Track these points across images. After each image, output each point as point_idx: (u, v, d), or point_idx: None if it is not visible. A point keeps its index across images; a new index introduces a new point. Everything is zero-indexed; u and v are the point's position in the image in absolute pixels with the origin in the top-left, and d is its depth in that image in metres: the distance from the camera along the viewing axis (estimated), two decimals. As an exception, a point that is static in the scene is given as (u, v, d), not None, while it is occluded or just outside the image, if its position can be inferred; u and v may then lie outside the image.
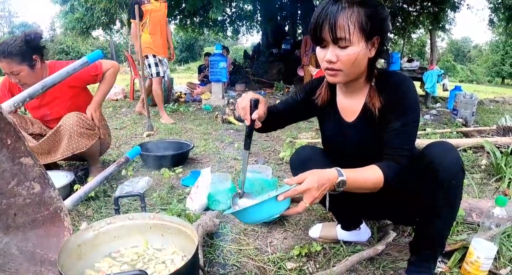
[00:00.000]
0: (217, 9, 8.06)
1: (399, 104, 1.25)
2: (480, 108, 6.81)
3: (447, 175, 1.21)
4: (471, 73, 37.20)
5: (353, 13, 1.13)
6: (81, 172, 2.82)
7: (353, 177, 1.17)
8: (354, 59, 1.18)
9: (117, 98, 7.61)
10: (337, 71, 1.22)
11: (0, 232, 1.34)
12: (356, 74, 1.26)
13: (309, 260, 1.63)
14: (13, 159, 1.36)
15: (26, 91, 1.58)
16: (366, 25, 1.14)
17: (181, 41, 48.79)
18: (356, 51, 1.16)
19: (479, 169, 2.94)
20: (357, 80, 1.31)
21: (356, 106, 1.39)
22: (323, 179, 1.12)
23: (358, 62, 1.19)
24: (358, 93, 1.37)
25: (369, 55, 1.22)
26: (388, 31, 1.23)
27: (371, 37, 1.18)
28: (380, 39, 1.21)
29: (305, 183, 1.11)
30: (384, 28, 1.20)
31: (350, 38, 1.14)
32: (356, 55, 1.17)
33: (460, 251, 1.61)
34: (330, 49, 1.19)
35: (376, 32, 1.17)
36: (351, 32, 1.13)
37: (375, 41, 1.20)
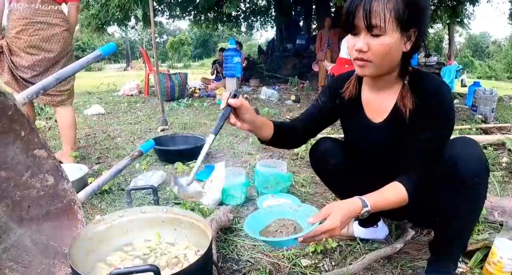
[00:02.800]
0: (231, 4, 8.01)
1: (432, 112, 1.17)
2: (500, 104, 6.64)
3: (468, 172, 1.13)
4: (489, 69, 36.39)
5: (390, 0, 1.05)
6: (96, 165, 2.83)
7: (377, 204, 1.14)
8: (387, 50, 1.09)
9: (132, 94, 7.66)
10: (367, 62, 1.14)
11: (14, 224, 1.34)
12: (387, 68, 1.18)
13: (324, 257, 1.59)
14: (27, 151, 1.36)
15: (40, 84, 1.57)
16: (403, 14, 1.05)
17: (195, 37, 49.01)
18: (389, 41, 1.08)
19: (500, 166, 2.86)
20: (388, 76, 1.23)
21: (385, 105, 1.30)
22: (348, 215, 1.09)
23: (390, 54, 1.11)
24: (388, 90, 1.28)
25: (404, 49, 1.13)
26: (426, 23, 1.14)
27: (408, 28, 1.09)
28: (418, 31, 1.11)
29: (329, 222, 1.05)
30: (422, 20, 1.11)
31: (385, 26, 1.05)
32: (389, 46, 1.08)
33: (482, 251, 1.55)
34: (362, 37, 1.10)
35: (413, 23, 1.09)
36: (387, 20, 1.04)
37: (411, 34, 1.11)
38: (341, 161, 1.48)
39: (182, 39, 45.89)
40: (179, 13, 12.60)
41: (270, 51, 12.77)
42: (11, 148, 1.31)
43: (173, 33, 55.62)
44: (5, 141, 1.30)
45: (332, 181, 1.64)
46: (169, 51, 44.73)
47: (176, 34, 54.13)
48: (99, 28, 10.64)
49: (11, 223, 1.33)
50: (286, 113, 5.43)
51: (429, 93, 1.18)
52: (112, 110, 5.74)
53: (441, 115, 1.17)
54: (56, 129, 4.24)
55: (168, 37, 53.09)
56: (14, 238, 1.31)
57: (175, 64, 35.35)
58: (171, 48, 44.71)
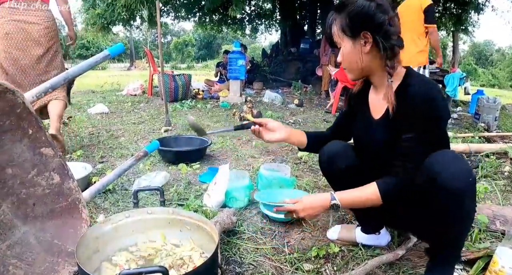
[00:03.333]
0: (237, 7, 8.05)
1: (412, 115, 1.23)
2: (503, 113, 6.64)
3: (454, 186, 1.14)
4: (493, 78, 36.35)
5: (337, 19, 1.30)
6: (100, 164, 2.84)
7: (346, 199, 1.33)
8: (346, 57, 1.33)
9: (135, 94, 7.68)
10: (344, 69, 1.39)
11: (19, 221, 1.34)
12: (360, 71, 1.35)
13: (326, 262, 1.59)
14: (34, 149, 1.37)
15: (48, 82, 1.58)
16: (347, 26, 1.27)
17: (199, 38, 49.09)
18: (344, 50, 1.32)
19: (502, 175, 2.85)
20: (374, 75, 1.37)
21: (381, 104, 1.39)
22: (314, 204, 1.36)
23: (350, 59, 1.32)
24: (382, 90, 1.36)
25: (364, 50, 1.28)
26: (378, 22, 1.24)
27: (357, 34, 1.26)
28: (371, 32, 1.24)
29: (293, 206, 1.37)
30: (367, 22, 1.24)
31: (338, 41, 1.32)
32: (343, 53, 1.33)
33: (484, 259, 1.55)
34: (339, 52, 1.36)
35: (358, 28, 1.25)
36: (337, 36, 1.31)
37: (365, 36, 1.25)
38: (349, 164, 1.52)
39: (186, 40, 46.00)
40: (184, 15, 12.63)
41: (274, 54, 12.78)
42: (19, 146, 1.32)
43: (177, 34, 55.73)
44: (13, 138, 1.31)
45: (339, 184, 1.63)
46: (172, 52, 44.82)
47: (180, 35, 54.25)
48: (104, 28, 10.67)
49: (16, 220, 1.33)
50: (289, 117, 5.44)
51: (411, 96, 1.25)
52: (116, 109, 5.75)
53: (420, 120, 1.23)
54: (59, 128, 4.24)
55: (172, 38, 53.17)
56: (19, 235, 1.32)
57: (178, 65, 35.40)
58: (175, 49, 44.81)
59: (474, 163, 3.04)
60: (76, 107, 5.96)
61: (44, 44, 2.98)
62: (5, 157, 1.28)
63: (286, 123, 4.93)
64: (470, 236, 1.80)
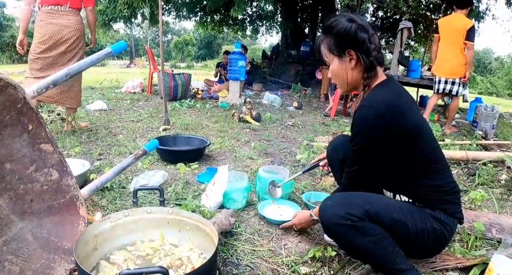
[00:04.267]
0: (239, 7, 8.04)
1: (353, 126, 1.41)
2: (500, 121, 6.66)
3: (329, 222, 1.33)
4: (491, 86, 36.52)
5: (324, 39, 1.45)
6: (98, 161, 2.83)
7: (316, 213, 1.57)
8: (334, 73, 1.47)
9: (134, 91, 7.65)
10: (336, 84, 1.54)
11: (16, 217, 1.33)
12: (346, 85, 1.48)
13: (323, 266, 1.59)
14: (33, 144, 1.36)
15: (50, 78, 1.57)
16: (333, 45, 1.42)
17: (199, 38, 49.08)
18: (332, 68, 1.47)
19: (499, 183, 2.86)
20: (360, 89, 1.50)
21: None
22: (303, 219, 1.77)
23: (338, 74, 1.46)
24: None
25: (350, 66, 1.42)
26: (361, 40, 1.37)
27: (342, 52, 1.41)
28: (355, 50, 1.38)
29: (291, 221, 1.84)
30: (351, 41, 1.38)
31: (326, 59, 1.47)
32: (333, 70, 1.47)
33: (479, 267, 1.56)
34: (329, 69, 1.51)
35: (343, 47, 1.40)
36: (326, 55, 1.46)
37: (350, 53, 1.39)
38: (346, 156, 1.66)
39: (187, 40, 45.99)
40: (185, 14, 12.62)
41: (274, 56, 12.78)
42: (18, 141, 1.31)
43: (178, 33, 55.71)
44: (13, 133, 1.30)
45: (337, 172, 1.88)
46: (173, 50, 44.82)
47: (180, 34, 54.24)
48: (105, 24, 10.62)
49: (13, 216, 1.32)
50: (288, 119, 5.43)
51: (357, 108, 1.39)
52: (115, 106, 5.74)
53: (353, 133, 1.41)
54: (58, 123, 4.23)
55: (172, 36, 53.18)
56: (15, 231, 1.31)
57: (178, 64, 35.38)
58: (175, 48, 44.79)
59: (472, 170, 3.05)
60: (75, 104, 5.93)
61: (71, 43, 3.59)
62: (4, 151, 1.27)
63: (284, 126, 4.92)
64: (466, 243, 1.80)
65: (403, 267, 1.30)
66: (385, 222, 1.30)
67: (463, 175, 3.00)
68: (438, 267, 1.57)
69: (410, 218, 1.33)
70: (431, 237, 1.35)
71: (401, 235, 1.33)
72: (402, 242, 1.33)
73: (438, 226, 1.36)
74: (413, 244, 1.36)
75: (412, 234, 1.33)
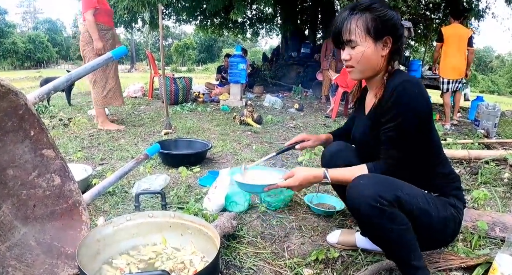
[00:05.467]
0: (238, 10, 8.06)
1: (393, 106, 1.31)
2: (502, 120, 6.65)
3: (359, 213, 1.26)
4: (492, 84, 36.47)
5: (359, 18, 1.33)
6: (100, 166, 2.83)
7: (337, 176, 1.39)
8: (361, 57, 1.35)
9: (136, 96, 7.68)
10: (352, 68, 1.41)
11: (19, 222, 1.34)
12: (370, 71, 1.40)
13: (326, 267, 1.59)
14: (35, 150, 1.36)
15: (52, 84, 1.58)
16: (372, 27, 1.32)
17: (200, 41, 49.23)
18: (361, 50, 1.34)
19: (501, 182, 2.85)
20: (375, 76, 1.44)
21: (372, 100, 1.49)
22: (308, 179, 1.42)
23: (366, 59, 1.36)
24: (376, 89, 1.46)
25: (382, 54, 1.36)
26: (400, 33, 1.36)
27: (380, 37, 1.33)
28: (393, 39, 1.35)
29: (290, 181, 1.44)
30: (394, 29, 1.34)
31: (356, 39, 1.34)
32: (361, 53, 1.35)
33: (483, 266, 1.55)
34: (345, 50, 1.40)
35: (384, 32, 1.33)
36: (357, 34, 1.33)
37: (387, 41, 1.35)
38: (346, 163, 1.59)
39: (187, 43, 46.12)
40: (185, 18, 12.66)
41: (275, 58, 12.80)
42: (20, 147, 1.32)
43: (178, 37, 55.88)
44: (15, 139, 1.30)
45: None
46: (173, 54, 44.93)
47: (181, 38, 54.41)
48: (105, 30, 10.66)
49: (16, 222, 1.33)
50: (290, 121, 5.44)
51: (389, 89, 1.34)
52: (116, 111, 5.75)
53: (396, 112, 1.30)
54: (60, 129, 4.25)
55: (173, 40, 53.31)
56: (18, 237, 1.32)
57: (179, 67, 35.46)
58: (176, 52, 44.90)
59: (474, 169, 3.04)
60: (77, 109, 5.96)
61: (82, 51, 4.18)
62: (6, 157, 1.28)
63: (286, 128, 4.93)
64: (470, 242, 1.80)
65: (416, 264, 1.28)
66: (413, 211, 1.26)
67: (466, 174, 3.00)
68: (442, 267, 1.57)
69: (434, 208, 1.32)
70: (450, 224, 1.37)
71: (423, 225, 1.30)
72: (422, 231, 1.30)
73: (455, 212, 1.38)
74: (433, 233, 1.35)
75: (434, 224, 1.32)
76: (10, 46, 41.17)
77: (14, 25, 48.73)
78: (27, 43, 43.79)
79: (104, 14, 4.15)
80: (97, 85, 4.23)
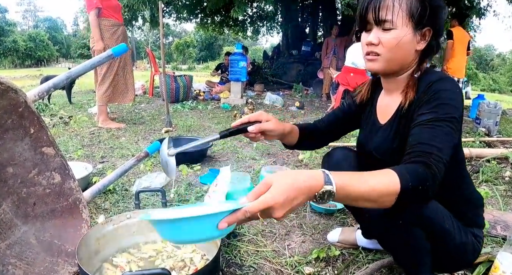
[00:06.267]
0: (239, 8, 8.05)
1: (431, 99, 1.06)
2: (503, 118, 6.63)
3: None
4: (493, 82, 36.44)
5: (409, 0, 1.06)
6: (100, 164, 2.83)
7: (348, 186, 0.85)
8: (396, 43, 1.08)
9: (136, 94, 7.66)
10: (376, 56, 1.12)
11: (19, 220, 1.34)
12: (397, 65, 1.14)
13: (327, 266, 1.59)
14: (35, 148, 1.36)
15: (51, 81, 1.57)
16: (416, 10, 1.06)
17: (200, 39, 49.21)
18: (399, 35, 1.07)
19: (503, 180, 2.85)
20: (399, 74, 1.19)
21: (393, 105, 1.24)
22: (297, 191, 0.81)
23: (401, 48, 1.09)
24: (399, 90, 1.21)
25: (417, 47, 1.12)
26: (442, 24, 1.12)
27: (422, 26, 1.09)
28: (432, 32, 1.11)
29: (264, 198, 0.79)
30: (437, 19, 1.10)
31: (394, 20, 1.06)
32: (398, 39, 1.07)
33: (485, 265, 1.54)
34: (373, 32, 1.11)
35: (427, 21, 1.08)
36: (397, 14, 1.05)
37: (426, 33, 1.11)
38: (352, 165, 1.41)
39: (188, 41, 46.13)
40: (186, 16, 12.66)
41: (275, 56, 12.80)
42: (20, 144, 1.32)
43: (179, 35, 55.89)
44: (14, 137, 1.30)
45: None
46: (174, 52, 44.95)
47: (181, 36, 54.42)
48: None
49: (16, 220, 1.33)
50: (290, 119, 5.43)
51: (424, 85, 1.11)
52: (117, 109, 5.75)
53: (439, 102, 1.04)
54: (60, 127, 4.25)
55: (173, 38, 53.32)
56: (19, 235, 1.31)
57: (179, 66, 35.47)
58: (176, 50, 44.91)
59: (475, 167, 3.03)
60: (77, 107, 5.96)
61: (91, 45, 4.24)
62: (6, 155, 1.28)
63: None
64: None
65: None
66: (434, 230, 1.11)
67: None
68: (443, 265, 1.56)
69: (458, 231, 1.16)
70: (469, 252, 1.23)
71: (443, 246, 1.16)
72: (440, 253, 1.17)
73: (476, 243, 1.24)
74: (451, 257, 1.21)
75: (454, 248, 1.17)
76: (10, 44, 41.19)
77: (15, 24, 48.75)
78: (28, 41, 43.79)
79: (112, 10, 4.14)
80: (105, 82, 4.20)
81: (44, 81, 5.50)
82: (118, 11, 4.28)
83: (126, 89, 4.40)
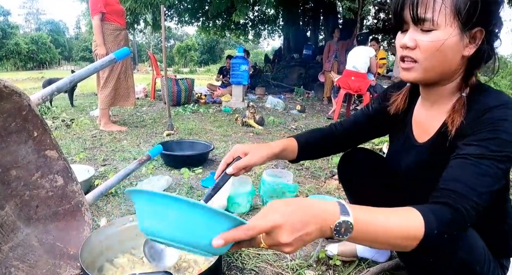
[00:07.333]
0: (240, 12, 8.09)
1: (484, 129, 0.87)
2: None
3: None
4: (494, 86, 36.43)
5: None
6: (102, 167, 2.84)
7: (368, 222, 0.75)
8: (437, 47, 0.89)
9: (138, 97, 7.69)
10: (413, 64, 0.94)
11: (22, 223, 1.34)
12: (438, 74, 0.95)
13: (328, 269, 1.59)
14: (38, 151, 1.37)
15: (55, 85, 1.58)
16: (464, 6, 0.86)
17: (202, 43, 49.33)
18: (441, 37, 0.88)
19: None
20: (442, 85, 1.00)
21: (434, 123, 1.06)
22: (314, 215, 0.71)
23: (443, 54, 0.90)
24: (442, 106, 1.03)
25: (464, 53, 0.92)
26: (498, 24, 0.93)
27: (470, 26, 0.88)
28: (485, 34, 0.90)
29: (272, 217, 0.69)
30: (491, 17, 0.90)
31: (436, 18, 0.87)
32: (441, 42, 0.88)
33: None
34: (409, 32, 0.93)
35: (478, 20, 0.88)
36: (439, 11, 0.87)
37: (476, 35, 0.90)
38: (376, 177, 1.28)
39: (189, 45, 46.25)
40: (188, 19, 12.72)
41: (277, 60, 12.83)
42: (23, 147, 1.33)
43: (180, 38, 56.05)
44: (18, 140, 1.31)
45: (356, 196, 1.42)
46: (175, 56, 45.08)
47: (183, 39, 54.58)
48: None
49: (18, 222, 1.33)
50: (291, 123, 5.44)
51: (484, 110, 0.89)
52: (118, 112, 5.77)
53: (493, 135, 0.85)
54: (62, 130, 4.26)
55: (175, 42, 53.47)
56: (21, 237, 1.32)
57: (181, 69, 35.55)
58: (178, 53, 45.03)
59: None
60: (79, 110, 5.98)
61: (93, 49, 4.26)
62: (9, 158, 1.29)
63: (288, 129, 4.93)
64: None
65: None
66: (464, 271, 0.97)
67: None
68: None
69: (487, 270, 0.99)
70: None
71: None
72: None
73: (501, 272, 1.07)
74: None
75: None
76: (13, 47, 41.39)
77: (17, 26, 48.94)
78: (30, 44, 44.00)
79: (116, 15, 4.18)
80: (107, 85, 4.22)
81: (47, 84, 5.53)
82: (121, 16, 4.31)
83: (128, 93, 4.40)
